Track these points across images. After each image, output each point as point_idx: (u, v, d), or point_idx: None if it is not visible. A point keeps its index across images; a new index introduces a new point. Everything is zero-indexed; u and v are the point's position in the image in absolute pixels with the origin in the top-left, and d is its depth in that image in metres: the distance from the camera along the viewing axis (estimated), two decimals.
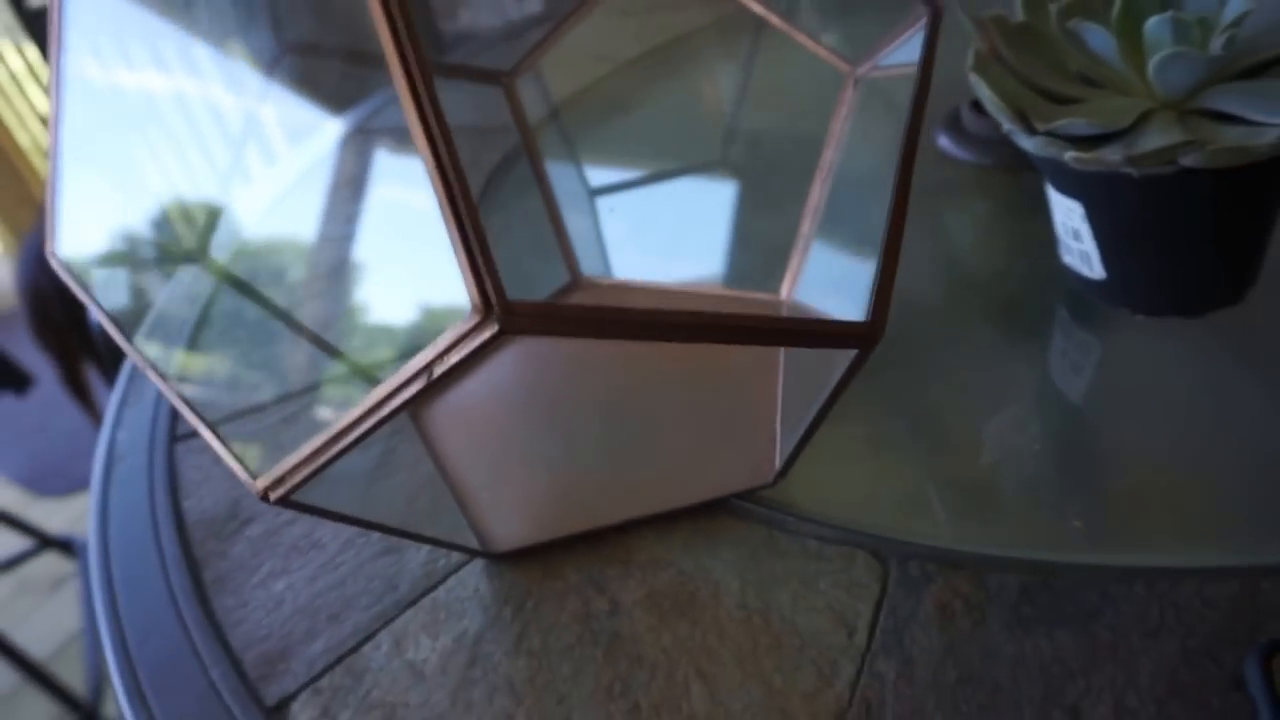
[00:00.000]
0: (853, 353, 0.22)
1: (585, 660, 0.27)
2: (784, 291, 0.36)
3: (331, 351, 0.36)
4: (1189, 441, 0.32)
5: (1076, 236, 0.35)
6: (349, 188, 0.41)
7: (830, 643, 0.27)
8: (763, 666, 0.26)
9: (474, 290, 0.18)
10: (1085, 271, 0.36)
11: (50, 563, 1.30)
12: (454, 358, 0.18)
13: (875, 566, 0.28)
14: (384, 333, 0.35)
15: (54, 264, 0.26)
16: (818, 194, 0.34)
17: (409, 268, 0.35)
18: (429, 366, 0.19)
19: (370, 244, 0.39)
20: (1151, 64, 0.30)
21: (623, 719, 0.26)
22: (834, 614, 0.27)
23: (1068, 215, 0.34)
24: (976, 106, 0.49)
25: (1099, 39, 0.31)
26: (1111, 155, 0.28)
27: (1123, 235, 0.33)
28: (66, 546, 1.15)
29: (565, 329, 0.19)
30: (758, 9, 0.35)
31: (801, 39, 0.34)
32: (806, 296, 0.36)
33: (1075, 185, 0.32)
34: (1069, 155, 0.29)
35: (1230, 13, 0.30)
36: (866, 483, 0.33)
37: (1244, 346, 0.35)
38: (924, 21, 0.25)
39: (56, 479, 1.36)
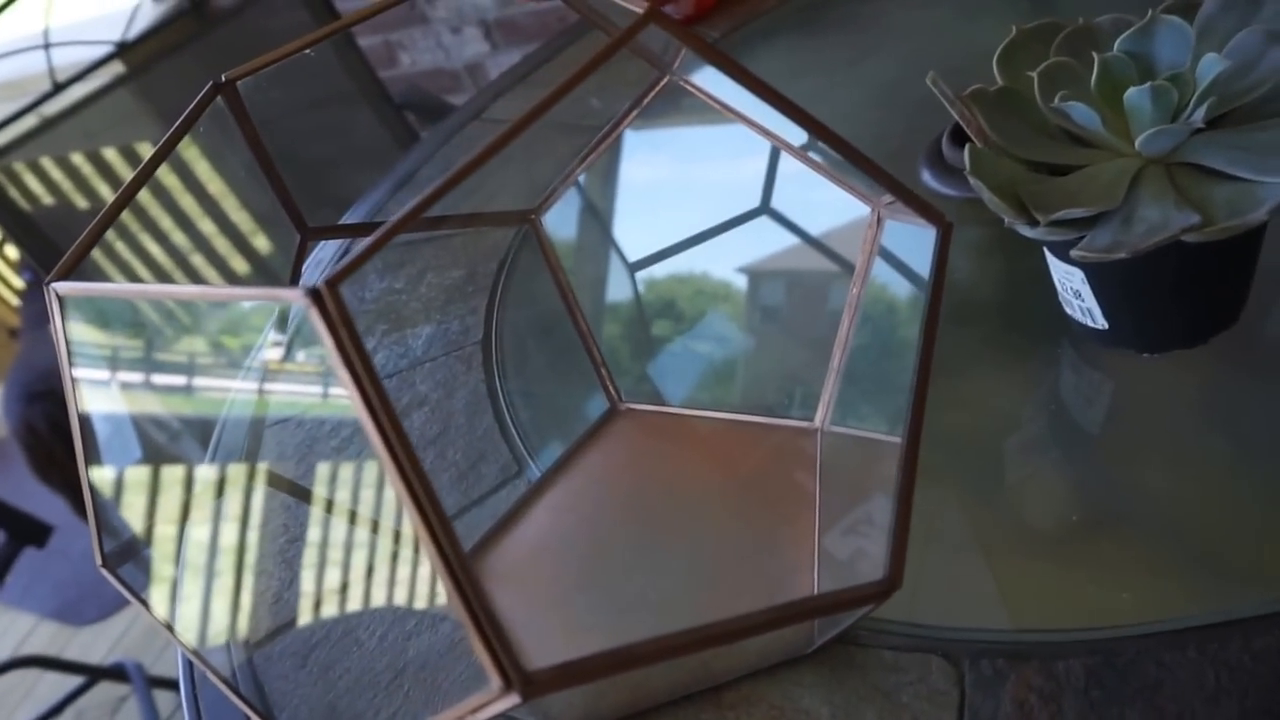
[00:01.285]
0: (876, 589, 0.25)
1: None
2: (819, 419, 0.39)
3: None
4: (1214, 480, 0.35)
5: (1078, 295, 0.37)
6: None
7: None
8: None
9: (493, 667, 0.20)
10: (1089, 323, 0.38)
11: (105, 689, 1.33)
12: None
13: (950, 670, 0.31)
14: None
15: (104, 574, 0.29)
16: (846, 327, 0.37)
17: None
18: None
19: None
20: (1139, 140, 0.32)
21: None
22: None
23: (1067, 277, 0.37)
24: (955, 137, 0.51)
25: (1082, 113, 0.33)
26: (1113, 245, 0.31)
27: (1125, 294, 0.36)
28: (119, 674, 1.18)
29: (583, 679, 0.21)
30: (779, 142, 0.38)
31: (823, 173, 0.36)
32: (840, 423, 0.38)
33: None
34: (1075, 253, 0.32)
35: (1204, 72, 0.32)
36: (922, 577, 0.35)
37: (1249, 362, 0.38)
38: (935, 234, 0.28)
39: (89, 605, 1.39)
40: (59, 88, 1.03)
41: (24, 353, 1.35)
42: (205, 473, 0.45)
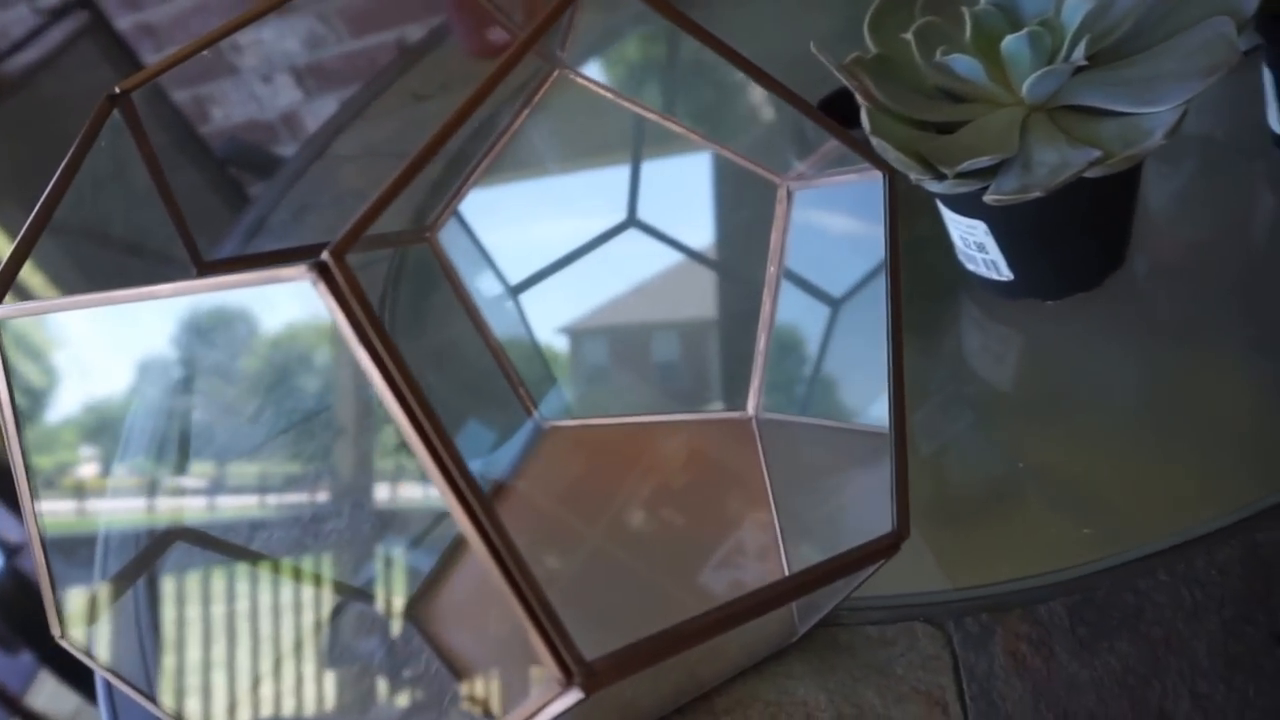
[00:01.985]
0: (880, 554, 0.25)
1: None
2: (751, 407, 0.39)
3: None
4: (1137, 413, 0.36)
5: (981, 249, 0.39)
6: None
7: None
8: None
9: (553, 663, 0.19)
10: (994, 276, 0.40)
11: None
12: None
13: (936, 634, 0.31)
14: None
15: (66, 646, 0.25)
16: (769, 308, 0.37)
17: None
18: None
19: None
20: (1026, 85, 0.34)
21: None
22: (922, 695, 0.30)
23: (969, 232, 0.38)
24: (827, 109, 0.52)
25: (965, 65, 0.35)
26: (1023, 188, 0.32)
27: (1030, 240, 0.37)
28: None
29: (641, 665, 0.20)
30: (678, 128, 0.37)
31: (727, 152, 0.36)
32: (774, 409, 0.38)
33: (977, 209, 0.36)
34: (989, 198, 0.33)
35: (1071, 15, 0.34)
36: None
37: (1142, 297, 0.40)
38: (881, 184, 0.28)
39: None
40: None
41: None
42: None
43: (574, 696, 0.19)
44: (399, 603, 0.39)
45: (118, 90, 0.31)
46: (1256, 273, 0.40)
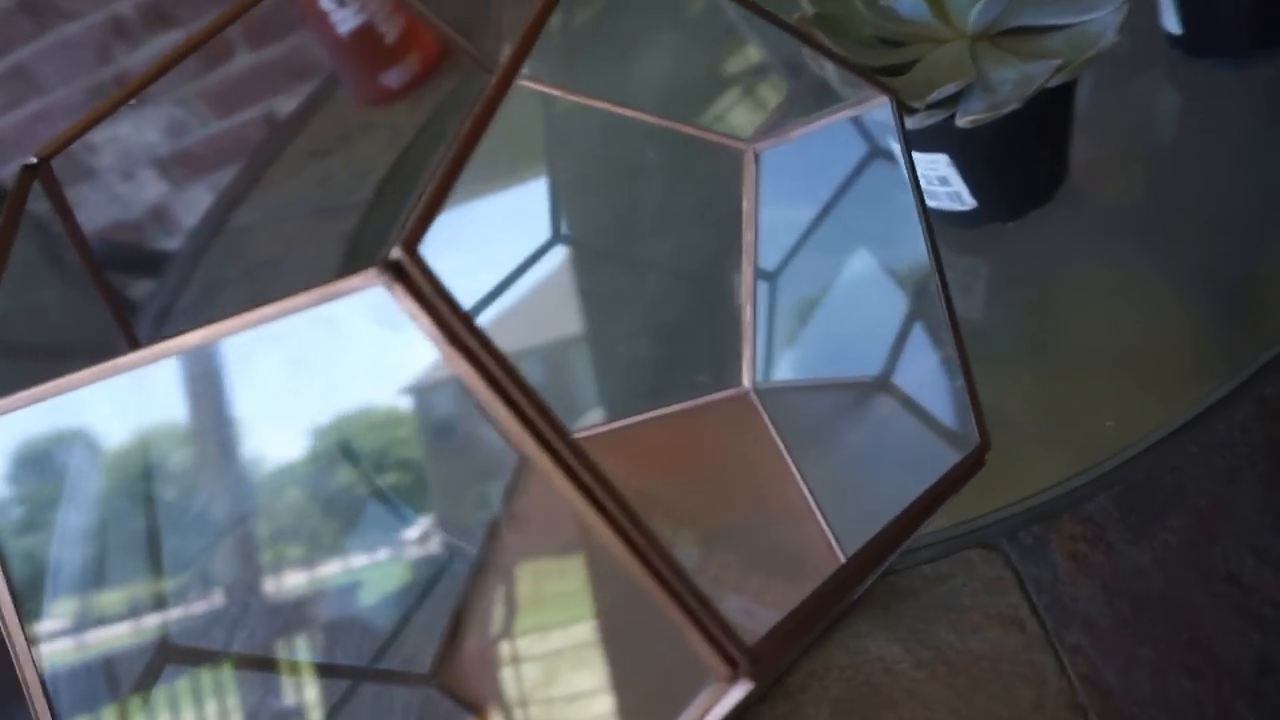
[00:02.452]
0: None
1: None
2: (745, 381, 0.38)
3: None
4: (1117, 310, 0.38)
5: (944, 182, 0.39)
6: None
7: (1014, 647, 0.29)
8: (981, 708, 0.29)
9: (717, 657, 0.17)
10: (956, 208, 0.41)
11: None
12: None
13: (992, 556, 0.32)
14: None
15: None
16: (749, 276, 0.36)
17: None
18: None
19: None
20: (973, 14, 0.35)
21: None
22: (995, 619, 0.30)
23: (930, 168, 0.39)
24: None
25: (909, 6, 0.36)
26: (990, 106, 0.33)
27: (987, 164, 0.38)
28: None
29: (798, 637, 0.19)
30: (634, 114, 0.37)
31: (688, 128, 0.36)
32: (775, 376, 0.38)
33: (939, 142, 0.37)
34: (964, 121, 0.33)
35: None
36: None
37: (1093, 203, 0.42)
38: (887, 105, 0.28)
39: None
40: None
41: None
42: None
43: (743, 689, 0.17)
44: (422, 669, 0.37)
45: (35, 159, 0.29)
46: (1181, 160, 0.42)
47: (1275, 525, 0.29)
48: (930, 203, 0.42)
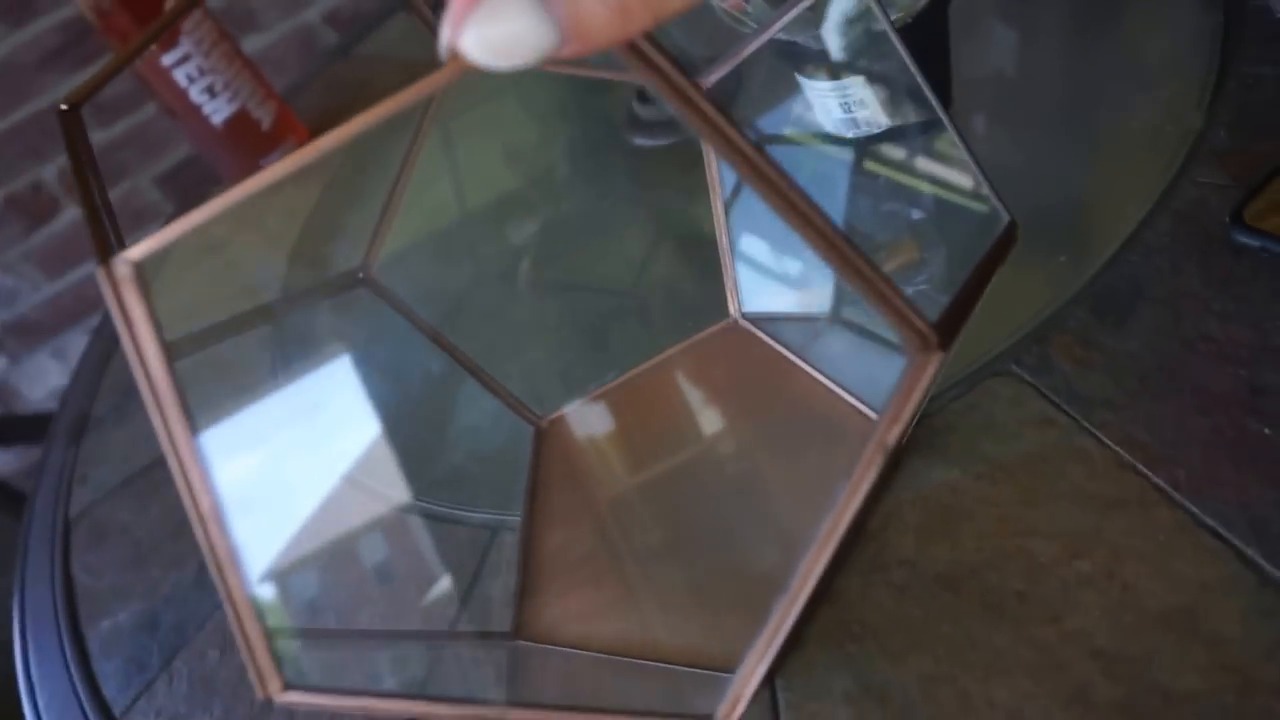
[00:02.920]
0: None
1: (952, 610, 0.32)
2: (732, 310, 0.43)
3: None
4: (1036, 180, 0.44)
5: (862, 105, 0.45)
6: None
7: (1053, 440, 0.34)
8: (1045, 493, 0.33)
9: (911, 332, 0.21)
10: (872, 130, 0.47)
11: None
12: (919, 395, 0.22)
13: (1008, 380, 0.36)
14: None
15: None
16: (718, 209, 0.41)
17: None
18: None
19: None
20: None
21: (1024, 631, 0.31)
22: (1030, 423, 0.35)
23: (845, 95, 0.45)
24: (641, 96, 0.58)
25: None
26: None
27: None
28: None
29: (965, 318, 0.23)
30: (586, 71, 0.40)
31: (625, 76, 0.40)
32: (758, 306, 0.42)
33: (853, 65, 0.43)
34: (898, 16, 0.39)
35: None
36: None
37: (989, 105, 0.49)
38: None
39: None
40: None
41: None
42: None
43: (938, 358, 0.21)
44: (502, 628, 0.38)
45: (64, 105, 0.29)
46: (1036, 69, 0.50)
47: (1222, 293, 0.35)
48: (847, 135, 0.48)
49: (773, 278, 0.45)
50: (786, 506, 0.37)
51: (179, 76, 0.70)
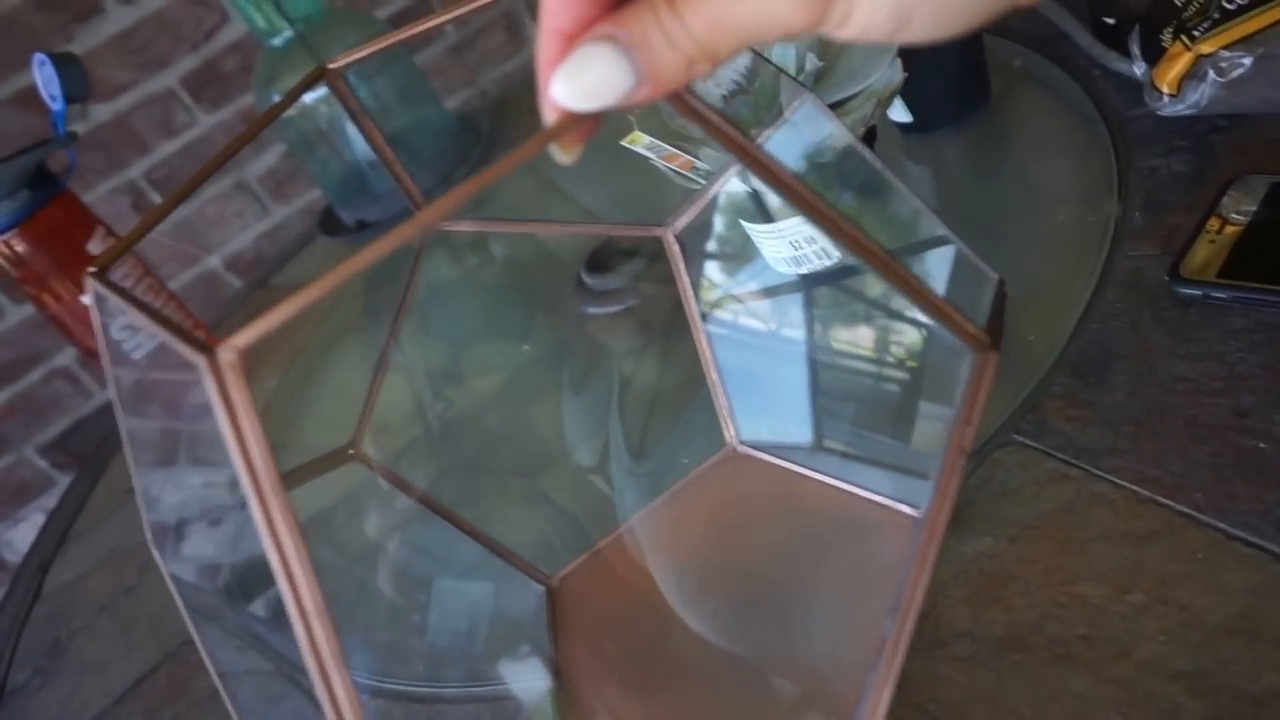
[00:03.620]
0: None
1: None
2: (729, 437, 0.45)
3: None
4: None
5: (810, 240, 0.50)
6: None
7: (1071, 493, 0.37)
8: (1078, 542, 0.35)
9: (968, 335, 0.24)
10: (823, 264, 0.52)
11: None
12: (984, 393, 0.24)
13: (1014, 449, 0.39)
14: None
15: None
16: (704, 345, 0.44)
17: None
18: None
19: None
20: None
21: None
22: (1046, 483, 0.37)
23: (795, 233, 0.50)
24: (590, 267, 0.63)
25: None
26: None
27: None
28: None
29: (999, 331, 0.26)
30: (557, 228, 0.43)
31: (607, 228, 0.43)
32: (753, 434, 0.45)
33: None
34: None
35: None
36: None
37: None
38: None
39: None
40: None
41: None
42: None
43: (994, 358, 0.23)
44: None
45: (328, 65, 0.35)
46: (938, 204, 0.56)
47: (1183, 340, 0.40)
48: (799, 269, 0.52)
49: (765, 407, 0.47)
50: (831, 604, 0.38)
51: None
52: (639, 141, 0.53)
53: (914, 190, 0.59)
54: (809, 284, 0.47)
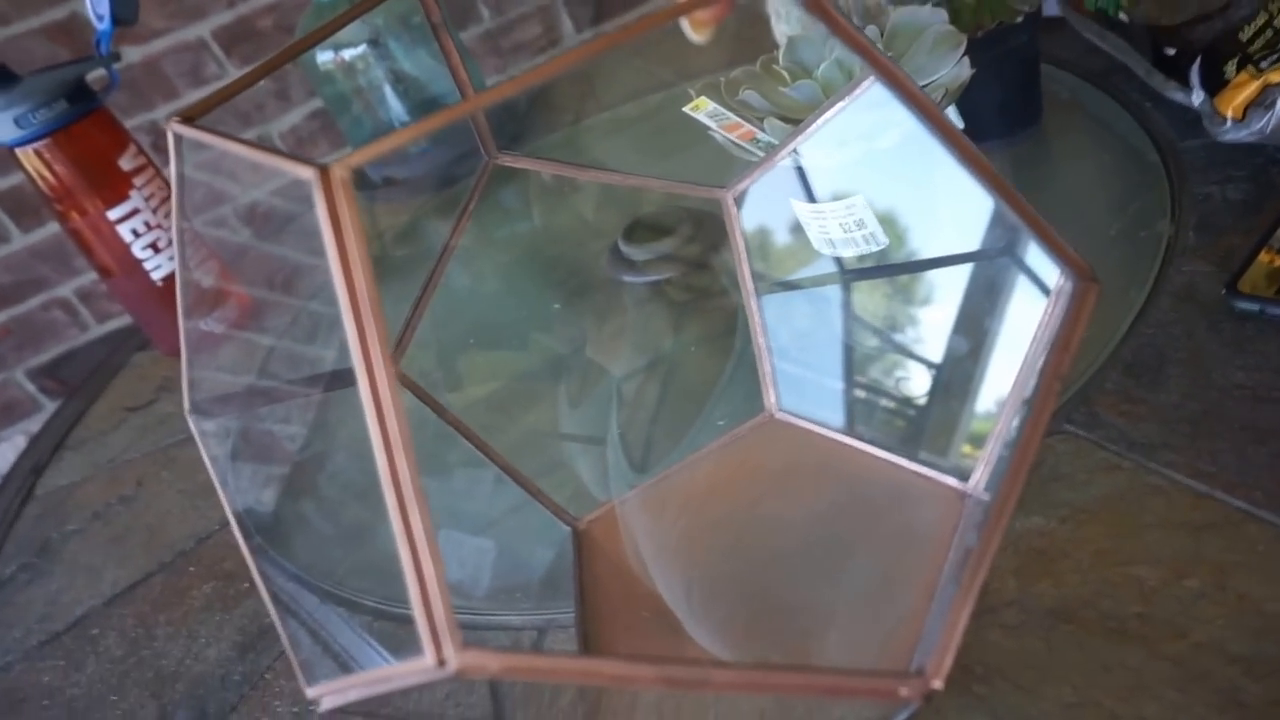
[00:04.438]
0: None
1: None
2: (769, 404, 0.44)
3: None
4: None
5: (860, 225, 0.50)
6: None
7: (1123, 482, 0.36)
8: (1132, 527, 0.34)
9: (1072, 262, 0.23)
10: (872, 247, 0.51)
11: None
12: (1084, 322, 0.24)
13: (1066, 438, 0.38)
14: None
15: None
16: (754, 309, 0.43)
17: None
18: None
19: None
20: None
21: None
22: (1098, 470, 0.37)
23: (845, 215, 0.49)
24: (627, 236, 0.61)
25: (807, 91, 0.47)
26: None
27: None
28: None
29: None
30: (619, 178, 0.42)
31: (667, 184, 0.42)
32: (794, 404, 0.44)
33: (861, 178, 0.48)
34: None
35: None
36: None
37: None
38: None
39: None
40: None
41: None
42: None
43: (1096, 290, 0.23)
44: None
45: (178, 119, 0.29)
46: None
47: (1240, 350, 0.39)
48: (848, 252, 0.52)
49: (806, 379, 0.46)
50: (868, 568, 0.36)
51: (124, 231, 0.69)
52: (703, 108, 0.52)
53: None
54: (852, 272, 0.46)
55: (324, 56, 0.87)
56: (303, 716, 0.39)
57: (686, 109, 0.52)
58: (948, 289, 0.48)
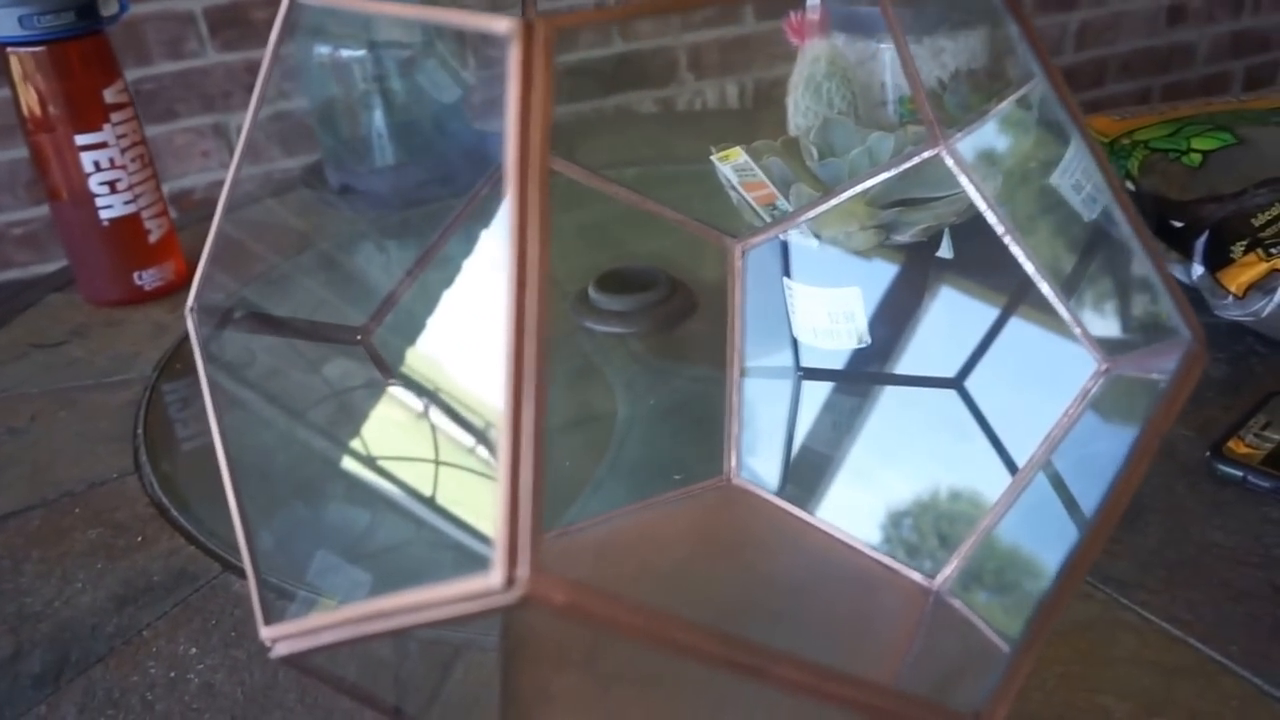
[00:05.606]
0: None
1: None
2: (728, 468, 0.43)
3: None
4: None
5: (849, 318, 0.50)
6: None
7: (1096, 613, 0.35)
8: (1101, 659, 0.34)
9: (1191, 325, 0.23)
10: (853, 346, 0.51)
11: None
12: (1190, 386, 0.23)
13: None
14: None
15: None
16: (734, 370, 0.42)
17: None
18: None
19: None
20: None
21: None
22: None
23: (836, 304, 0.49)
24: (601, 285, 0.61)
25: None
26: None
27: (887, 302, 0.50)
28: None
29: None
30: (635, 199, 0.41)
31: (677, 217, 0.42)
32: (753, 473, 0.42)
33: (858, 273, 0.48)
34: (915, 231, 0.44)
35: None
36: None
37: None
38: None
39: None
40: None
41: None
42: None
43: (1203, 360, 0.23)
44: None
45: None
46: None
47: (1217, 512, 0.40)
48: (826, 345, 0.51)
49: (772, 451, 0.45)
50: (818, 652, 0.35)
51: (86, 160, 0.65)
52: (733, 158, 0.52)
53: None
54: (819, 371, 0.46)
55: (321, 50, 0.87)
56: (178, 682, 0.35)
57: (714, 157, 0.52)
58: (931, 395, 0.47)
